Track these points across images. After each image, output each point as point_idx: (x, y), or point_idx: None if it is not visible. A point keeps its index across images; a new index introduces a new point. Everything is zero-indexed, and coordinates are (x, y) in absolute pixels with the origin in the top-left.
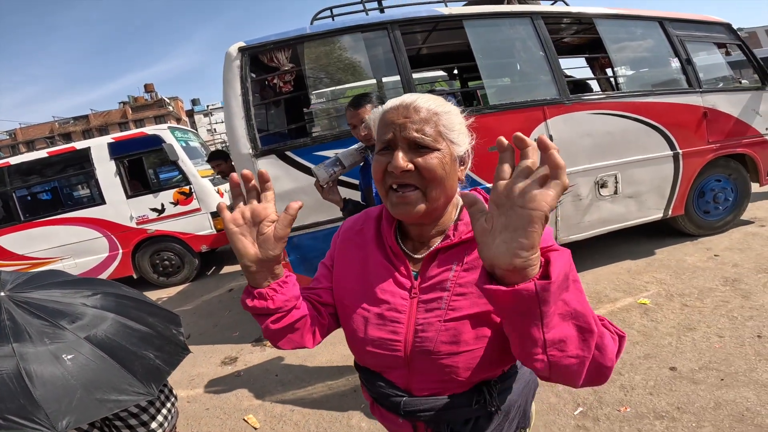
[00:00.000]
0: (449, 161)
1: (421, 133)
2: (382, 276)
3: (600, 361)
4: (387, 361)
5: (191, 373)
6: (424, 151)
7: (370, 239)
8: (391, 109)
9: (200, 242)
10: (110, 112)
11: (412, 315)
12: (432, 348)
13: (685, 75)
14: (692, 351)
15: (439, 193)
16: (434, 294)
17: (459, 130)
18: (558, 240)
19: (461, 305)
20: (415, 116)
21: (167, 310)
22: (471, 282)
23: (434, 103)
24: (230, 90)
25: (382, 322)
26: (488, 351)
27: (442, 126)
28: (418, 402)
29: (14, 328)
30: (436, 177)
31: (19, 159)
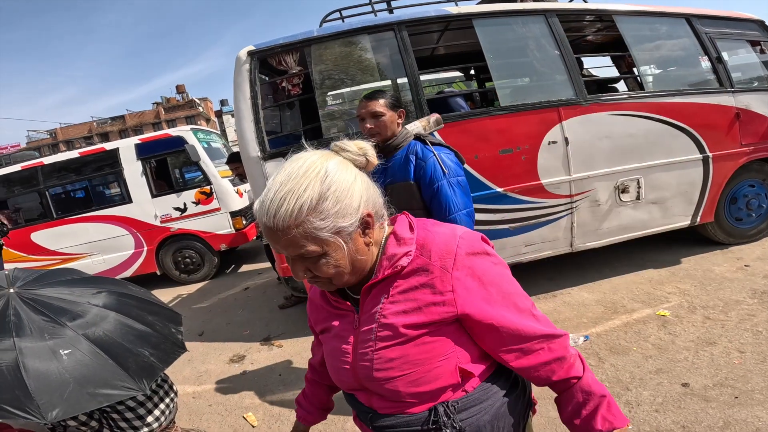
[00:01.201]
0: (341, 254)
1: (298, 251)
2: (336, 318)
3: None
4: (349, 385)
5: (200, 370)
6: (312, 259)
7: (320, 293)
8: (264, 227)
9: (220, 241)
10: (144, 113)
11: (357, 347)
12: (371, 375)
13: (716, 74)
14: (709, 367)
15: (343, 276)
16: (367, 326)
17: (336, 212)
18: (574, 247)
19: (387, 335)
20: (283, 240)
21: (169, 309)
22: (395, 313)
23: (294, 208)
24: (240, 93)
25: (337, 354)
26: (423, 374)
27: (313, 231)
28: (383, 419)
29: (18, 324)
30: (335, 273)
31: (52, 159)
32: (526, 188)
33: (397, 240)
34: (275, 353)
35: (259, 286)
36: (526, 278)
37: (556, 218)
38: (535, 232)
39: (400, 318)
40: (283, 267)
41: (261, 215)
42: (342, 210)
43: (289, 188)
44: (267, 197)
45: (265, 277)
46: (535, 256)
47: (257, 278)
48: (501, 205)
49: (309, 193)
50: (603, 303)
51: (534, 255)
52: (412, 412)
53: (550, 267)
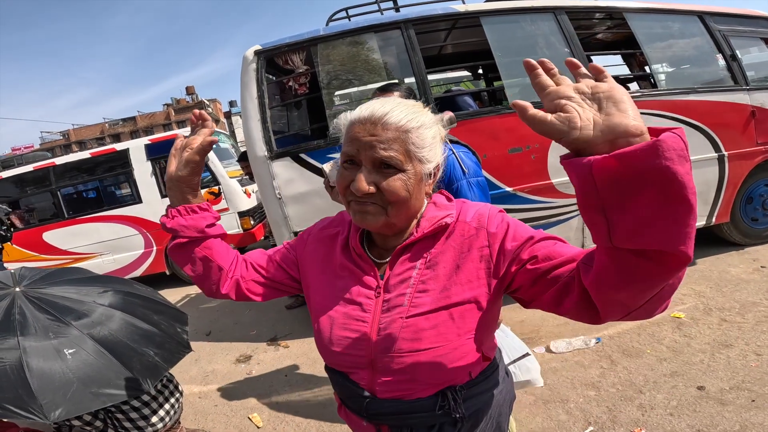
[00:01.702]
0: (415, 182)
1: (387, 153)
2: (349, 276)
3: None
4: (352, 361)
5: (206, 369)
6: (389, 172)
7: (340, 242)
8: (357, 121)
9: (228, 241)
10: (155, 114)
11: (377, 314)
12: (394, 345)
13: (730, 72)
14: (725, 369)
15: (401, 212)
16: (397, 291)
17: (430, 145)
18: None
19: (423, 302)
20: (383, 134)
21: (175, 308)
22: (433, 278)
23: (406, 118)
24: (247, 93)
25: (347, 321)
26: (451, 350)
27: (411, 144)
28: (381, 405)
29: (22, 322)
30: (399, 199)
31: (63, 159)
32: (536, 188)
33: (436, 206)
34: (282, 354)
35: None
36: None
37: (567, 218)
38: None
39: (439, 282)
40: None
41: (366, 109)
42: (434, 148)
43: (406, 105)
44: (379, 103)
45: None
46: None
47: None
48: (511, 205)
49: (422, 117)
50: None
51: None
52: (417, 398)
53: None
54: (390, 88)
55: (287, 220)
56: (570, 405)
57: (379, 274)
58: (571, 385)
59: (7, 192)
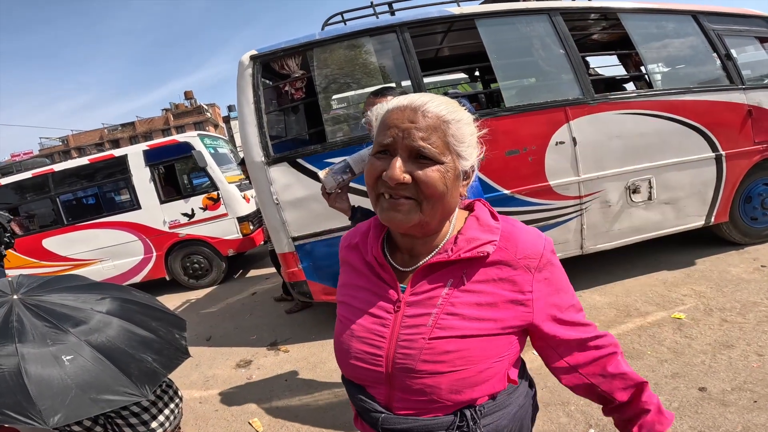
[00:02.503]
0: (452, 177)
1: (426, 143)
2: (368, 288)
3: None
4: (368, 375)
5: (207, 374)
6: (426, 163)
7: (360, 252)
8: (396, 109)
9: (227, 246)
10: (154, 119)
11: (396, 330)
12: (413, 366)
13: (726, 71)
14: (727, 370)
15: (436, 210)
16: (421, 309)
17: (469, 142)
18: (584, 250)
19: (451, 325)
20: (422, 122)
21: (173, 314)
22: (466, 304)
23: (446, 109)
24: (243, 98)
25: (365, 335)
26: (475, 374)
27: (450, 136)
28: (397, 420)
29: (20, 330)
30: (436, 193)
31: (62, 166)
32: (533, 190)
33: (479, 224)
34: (282, 358)
35: (266, 291)
36: None
37: (566, 220)
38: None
39: (472, 310)
40: (289, 272)
41: (405, 98)
42: (471, 145)
43: (446, 99)
44: (418, 94)
45: (273, 282)
46: None
47: (265, 283)
48: (508, 208)
49: (461, 113)
50: (615, 306)
51: None
52: (434, 416)
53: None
54: (384, 93)
55: (285, 225)
56: (570, 407)
57: (400, 287)
58: None
59: (7, 199)
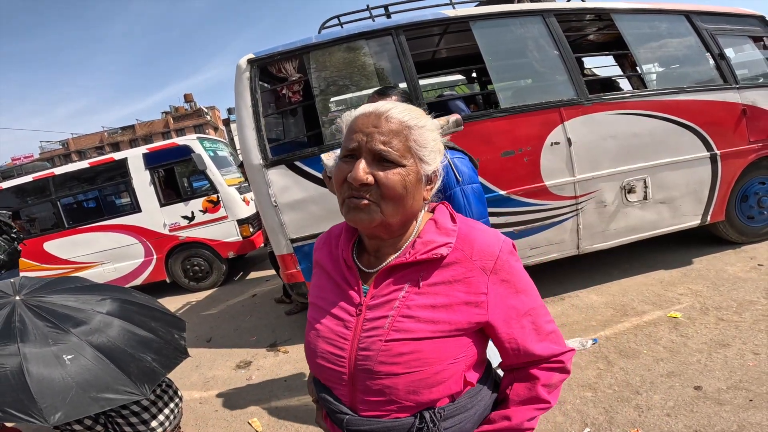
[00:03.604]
0: (413, 180)
1: (387, 146)
2: (335, 290)
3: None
4: (332, 375)
5: (207, 375)
6: (388, 166)
7: (331, 255)
8: (362, 115)
9: (227, 249)
10: (154, 122)
11: (357, 332)
12: (371, 367)
13: (719, 71)
14: (722, 369)
15: (397, 211)
16: (380, 312)
17: (431, 147)
18: (580, 250)
19: (406, 327)
20: (385, 127)
21: (173, 315)
22: (421, 306)
23: (409, 115)
24: (241, 101)
25: (331, 336)
26: (430, 375)
27: (412, 141)
28: (360, 422)
29: (22, 330)
30: (396, 195)
31: (63, 169)
32: (529, 190)
33: (437, 227)
34: (281, 359)
35: (266, 293)
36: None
37: (562, 220)
38: (540, 235)
39: (427, 312)
40: (288, 273)
41: (370, 106)
42: (434, 150)
43: (411, 107)
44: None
45: (273, 284)
46: (541, 259)
47: (265, 285)
48: (504, 208)
49: (424, 119)
50: (612, 305)
51: (540, 258)
52: (395, 417)
53: (558, 270)
54: (387, 92)
55: (283, 228)
56: (567, 406)
57: (363, 289)
58: (567, 387)
59: (8, 202)
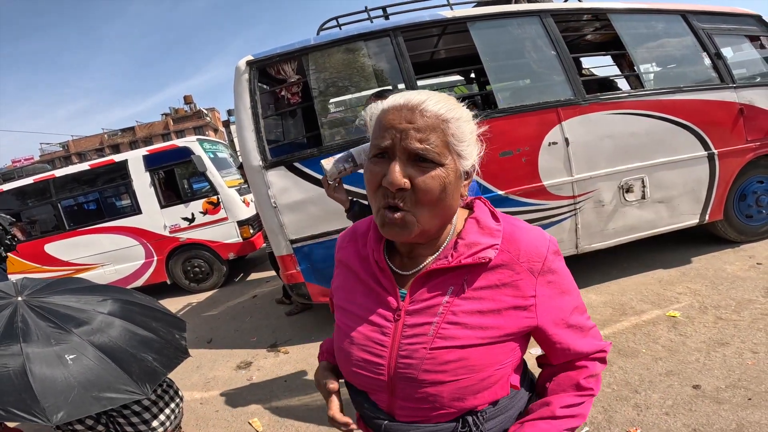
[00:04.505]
0: (453, 179)
1: (425, 144)
2: (367, 294)
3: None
4: (370, 383)
5: (208, 376)
6: (426, 166)
7: (358, 255)
8: (392, 108)
9: (228, 250)
10: (154, 124)
11: (396, 338)
12: (415, 375)
13: (716, 70)
14: (721, 368)
15: (436, 215)
16: (422, 318)
17: (469, 140)
18: (579, 249)
19: (453, 334)
20: (421, 122)
21: (173, 315)
22: (468, 312)
23: (445, 107)
24: (240, 103)
25: (366, 343)
26: (477, 381)
27: (450, 136)
28: (399, 427)
29: (25, 330)
30: (433, 199)
31: (63, 171)
32: (527, 190)
33: (480, 227)
34: (282, 360)
35: (266, 294)
36: None
37: (560, 220)
38: None
39: (475, 318)
40: (287, 274)
41: (401, 97)
42: (471, 143)
43: (444, 96)
44: (415, 92)
45: (273, 285)
46: None
47: (265, 286)
48: (503, 209)
49: (460, 110)
50: (611, 305)
51: None
52: (437, 422)
53: None
54: (385, 94)
55: (283, 228)
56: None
57: (399, 293)
58: None
59: (8, 204)
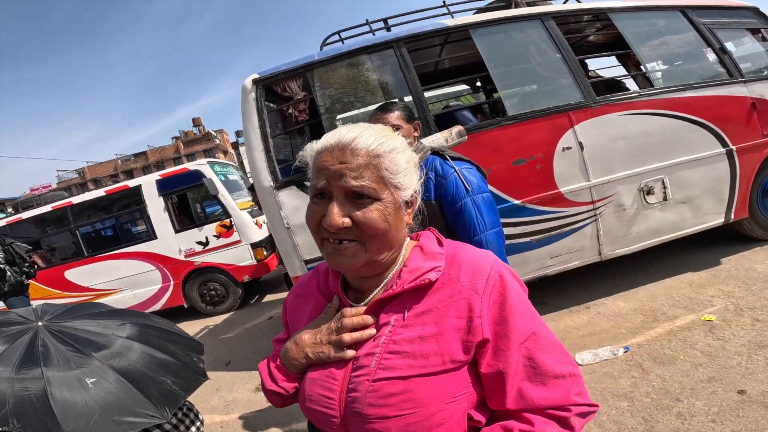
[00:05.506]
0: (393, 210)
1: (359, 181)
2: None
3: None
4: (324, 419)
5: (227, 399)
6: (364, 202)
7: (316, 291)
8: (325, 150)
9: (242, 273)
10: (165, 148)
11: (347, 372)
12: (360, 410)
13: (723, 65)
14: (765, 371)
15: (382, 246)
16: (366, 350)
17: (405, 170)
18: (603, 256)
19: (393, 364)
20: (353, 161)
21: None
22: (408, 339)
23: (376, 141)
24: (248, 123)
25: (320, 377)
26: (425, 417)
27: (384, 170)
28: None
29: (45, 354)
30: (378, 232)
31: (80, 198)
32: (544, 198)
33: (423, 253)
34: None
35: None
36: (556, 291)
37: (580, 227)
38: (559, 243)
39: (416, 345)
40: None
41: (332, 137)
42: (408, 172)
43: (374, 128)
44: (346, 129)
45: None
46: (561, 268)
47: (280, 307)
48: (520, 218)
49: (392, 141)
50: (641, 311)
51: (560, 267)
52: None
53: (581, 277)
54: (388, 108)
55: (297, 249)
56: (602, 417)
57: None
58: (601, 397)
59: (29, 232)
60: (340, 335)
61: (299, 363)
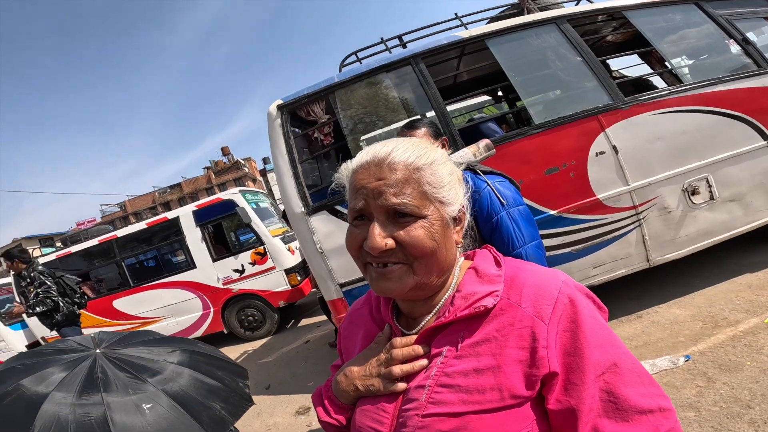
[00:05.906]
0: (440, 228)
1: (400, 198)
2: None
3: None
4: None
5: (269, 423)
6: (407, 221)
7: (368, 317)
8: (360, 168)
9: (278, 298)
10: (197, 179)
11: (398, 405)
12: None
13: (749, 56)
14: None
15: (431, 267)
16: (417, 382)
17: (449, 184)
18: (651, 262)
19: (446, 399)
20: (391, 177)
21: (235, 364)
22: (462, 372)
23: (414, 154)
24: (276, 149)
25: (371, 410)
26: None
27: (426, 185)
28: None
29: (105, 380)
30: (425, 252)
31: (124, 231)
32: (582, 206)
33: (478, 275)
34: None
35: (318, 338)
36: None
37: (623, 233)
38: (602, 252)
39: (471, 379)
40: (339, 318)
41: (367, 153)
42: (453, 186)
43: (410, 142)
44: (380, 144)
45: (324, 329)
46: (607, 278)
47: (317, 331)
48: (558, 228)
49: (431, 153)
50: (700, 318)
51: (606, 276)
52: None
53: (631, 286)
54: (415, 125)
55: (331, 273)
56: None
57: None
58: None
59: (77, 265)
60: (389, 368)
61: (349, 395)
